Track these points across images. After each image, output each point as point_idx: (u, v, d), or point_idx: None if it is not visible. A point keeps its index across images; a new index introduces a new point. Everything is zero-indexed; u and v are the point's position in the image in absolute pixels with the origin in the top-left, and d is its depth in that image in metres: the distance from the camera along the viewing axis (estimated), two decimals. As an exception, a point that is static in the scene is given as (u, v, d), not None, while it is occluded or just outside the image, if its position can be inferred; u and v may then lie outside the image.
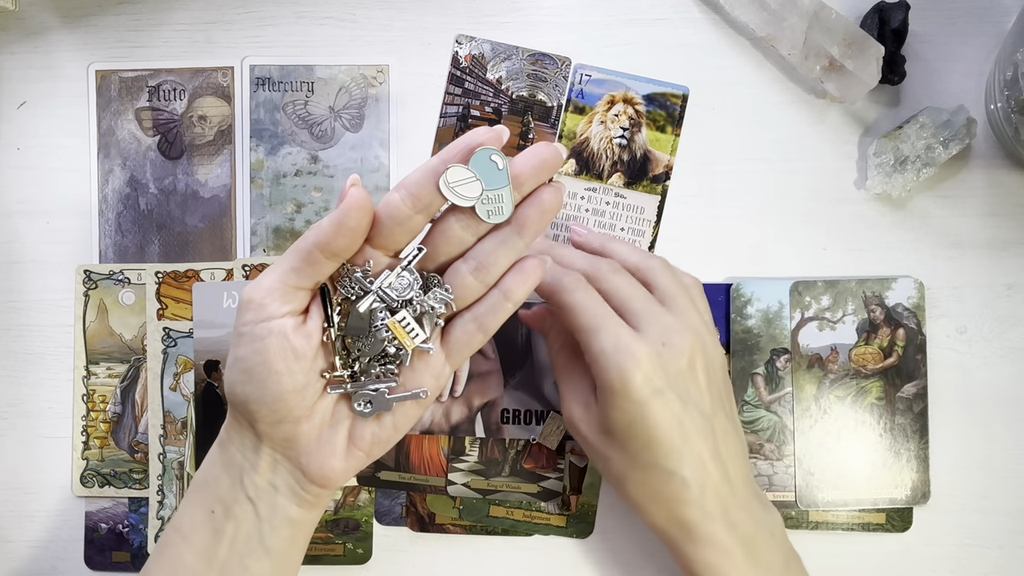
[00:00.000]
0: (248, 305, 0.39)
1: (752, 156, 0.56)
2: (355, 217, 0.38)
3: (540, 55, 0.56)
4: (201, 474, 0.43)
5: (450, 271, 0.41)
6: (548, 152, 0.40)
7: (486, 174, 0.39)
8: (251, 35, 0.57)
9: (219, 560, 0.42)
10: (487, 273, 0.41)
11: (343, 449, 0.42)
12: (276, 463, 0.42)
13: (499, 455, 0.55)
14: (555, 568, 0.55)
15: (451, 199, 0.39)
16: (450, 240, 0.41)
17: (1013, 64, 0.50)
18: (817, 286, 0.54)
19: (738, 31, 0.56)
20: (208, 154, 0.57)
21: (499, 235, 0.40)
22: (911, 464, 0.54)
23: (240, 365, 0.40)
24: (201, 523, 0.42)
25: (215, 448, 0.43)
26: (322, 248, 0.38)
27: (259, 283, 0.39)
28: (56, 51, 0.57)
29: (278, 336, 0.39)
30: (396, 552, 0.55)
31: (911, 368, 0.54)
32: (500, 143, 0.40)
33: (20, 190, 0.57)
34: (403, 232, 0.40)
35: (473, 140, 0.39)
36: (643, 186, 0.56)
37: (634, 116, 0.56)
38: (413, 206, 0.39)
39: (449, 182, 0.39)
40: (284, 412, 0.40)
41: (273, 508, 0.42)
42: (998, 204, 0.55)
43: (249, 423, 0.41)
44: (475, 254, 0.41)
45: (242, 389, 0.40)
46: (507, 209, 0.40)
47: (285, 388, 0.40)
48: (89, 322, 0.56)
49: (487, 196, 0.39)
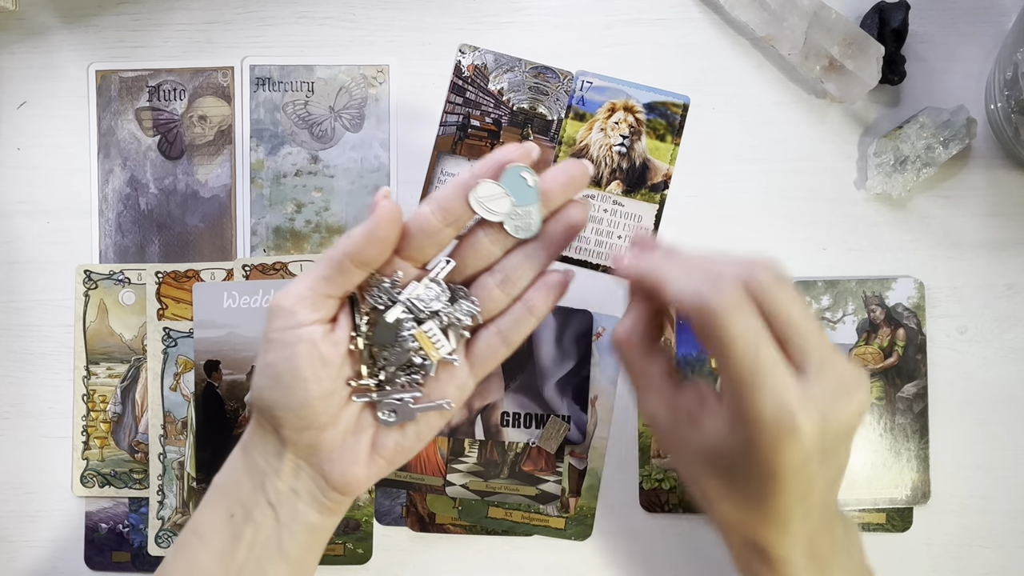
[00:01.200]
0: (278, 312, 0.40)
1: (752, 156, 0.56)
2: (386, 228, 0.39)
3: (543, 68, 0.56)
4: (222, 477, 0.44)
5: (476, 283, 0.42)
6: (577, 170, 0.41)
7: (516, 190, 0.40)
8: (251, 35, 0.57)
9: (236, 563, 0.42)
10: (513, 286, 0.41)
11: (366, 457, 0.42)
12: (299, 469, 0.42)
13: (498, 457, 0.55)
14: (555, 568, 0.55)
15: (481, 213, 0.40)
16: (478, 253, 0.41)
17: (1013, 64, 0.50)
18: (817, 286, 0.54)
19: (738, 31, 0.56)
20: (208, 154, 0.57)
21: (526, 250, 0.41)
22: (911, 464, 0.54)
23: (268, 371, 0.40)
24: (220, 526, 0.42)
25: (237, 452, 0.44)
26: (352, 258, 0.39)
27: (289, 290, 0.40)
28: (56, 51, 0.57)
29: (307, 343, 0.40)
30: (396, 552, 0.55)
31: (911, 368, 0.54)
32: (530, 160, 0.40)
33: (20, 190, 0.57)
34: (432, 244, 0.41)
35: (503, 157, 0.40)
36: (641, 194, 0.56)
37: (634, 124, 0.56)
38: (443, 219, 0.40)
39: (479, 197, 0.40)
40: (310, 418, 0.41)
41: (293, 513, 0.42)
42: (998, 204, 0.55)
43: (273, 428, 0.42)
44: (502, 267, 0.42)
45: (269, 395, 0.40)
46: (535, 225, 0.41)
47: (312, 395, 0.40)
48: (89, 322, 0.56)
49: (516, 212, 0.40)
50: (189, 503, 0.55)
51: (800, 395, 0.34)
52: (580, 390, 0.55)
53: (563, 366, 0.55)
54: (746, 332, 0.35)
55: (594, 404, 0.55)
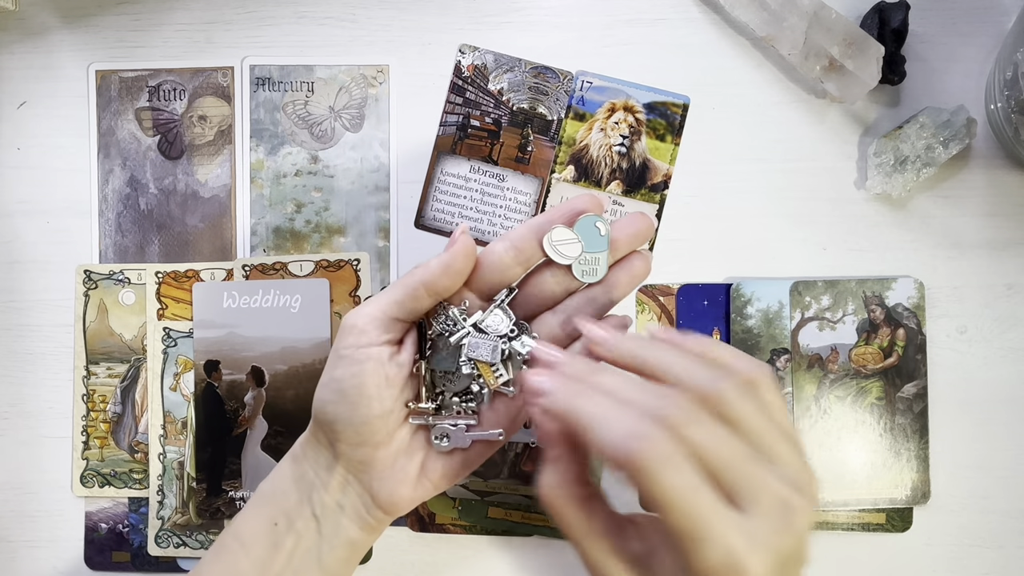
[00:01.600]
0: (351, 330, 0.41)
1: (752, 156, 0.56)
2: (462, 262, 0.41)
3: (542, 68, 0.56)
4: (269, 485, 0.44)
5: (538, 320, 0.44)
6: (645, 224, 0.43)
7: (588, 238, 0.42)
8: (251, 35, 0.57)
9: (274, 572, 0.43)
10: (573, 327, 0.43)
11: (414, 478, 0.43)
12: (347, 484, 0.43)
13: (498, 457, 0.55)
14: (555, 568, 0.55)
15: (552, 256, 0.42)
16: (542, 292, 0.43)
17: (1013, 64, 0.50)
18: (817, 286, 0.54)
19: (738, 31, 0.56)
20: (208, 154, 0.57)
21: (589, 293, 0.43)
22: (911, 464, 0.54)
23: (335, 385, 0.42)
24: (262, 533, 0.43)
25: (287, 461, 0.44)
26: (427, 286, 0.41)
27: (361, 310, 0.42)
28: (56, 51, 0.57)
29: (375, 362, 0.41)
30: (396, 552, 0.55)
31: (911, 368, 0.54)
32: (601, 211, 0.43)
33: (20, 190, 0.57)
34: (501, 280, 0.43)
35: (578, 206, 0.43)
36: (641, 194, 0.56)
37: (634, 124, 0.56)
38: (515, 258, 0.42)
39: (553, 241, 0.42)
40: (367, 435, 0.42)
41: (336, 528, 0.43)
42: (998, 204, 0.55)
43: (329, 442, 0.43)
44: (564, 308, 0.43)
45: (333, 408, 0.42)
46: (601, 271, 0.43)
47: (373, 412, 0.41)
48: (89, 322, 0.56)
49: (585, 258, 0.42)
50: (189, 503, 0.55)
51: (745, 536, 0.32)
52: None
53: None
54: (681, 487, 0.32)
55: (594, 404, 0.55)
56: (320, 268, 0.56)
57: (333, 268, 0.56)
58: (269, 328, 0.55)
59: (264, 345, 0.55)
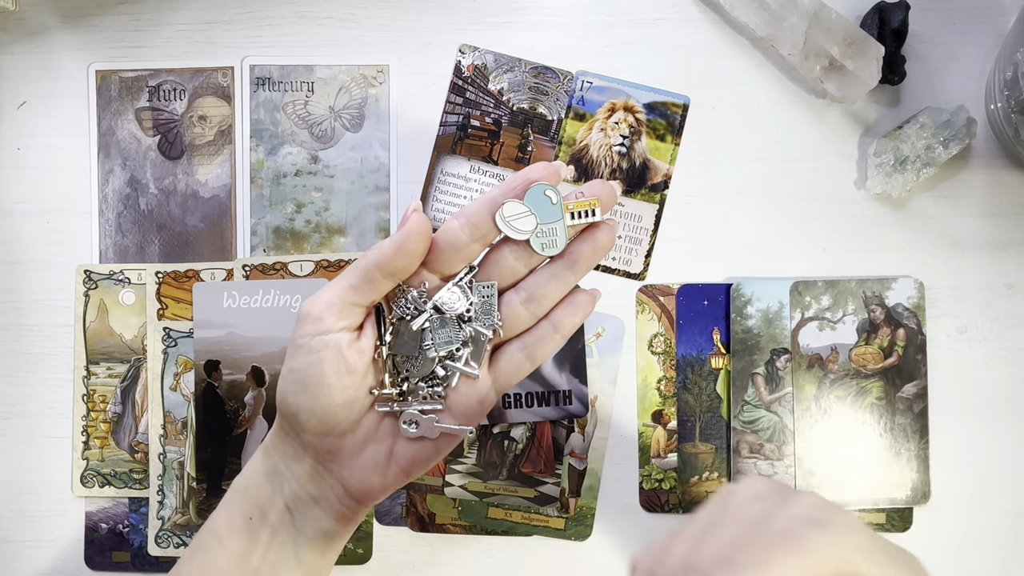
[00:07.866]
0: (307, 318, 0.40)
1: (752, 156, 0.56)
2: (415, 241, 0.40)
3: (542, 68, 0.56)
4: (242, 479, 0.44)
5: (501, 300, 0.42)
6: (606, 192, 0.41)
7: (540, 208, 0.40)
8: (251, 35, 0.57)
9: (251, 566, 0.42)
10: (537, 305, 0.42)
11: (383, 466, 0.43)
12: (317, 475, 0.42)
13: (497, 458, 0.55)
14: (555, 568, 0.55)
15: (507, 232, 0.40)
16: (503, 270, 0.42)
17: (1013, 64, 0.50)
18: (817, 286, 0.54)
19: (738, 31, 0.56)
20: (208, 154, 0.57)
21: (551, 268, 0.42)
22: (911, 464, 0.54)
23: (294, 376, 0.41)
24: (237, 528, 0.43)
25: (258, 455, 0.44)
26: (381, 268, 0.40)
27: (318, 298, 0.41)
28: (56, 51, 0.57)
29: (333, 350, 0.40)
30: (396, 552, 0.55)
31: (911, 368, 0.54)
32: (558, 180, 0.41)
33: (20, 190, 0.57)
34: (459, 258, 0.41)
35: (530, 176, 0.41)
36: (641, 194, 0.56)
37: (634, 124, 0.56)
38: (471, 235, 0.41)
39: (505, 216, 0.40)
40: (332, 424, 0.41)
41: (310, 519, 0.43)
42: (998, 204, 0.55)
43: (295, 433, 0.42)
44: (526, 285, 0.42)
45: (294, 399, 0.41)
46: (561, 242, 0.41)
47: (335, 400, 0.41)
48: (89, 322, 0.56)
49: (541, 229, 0.41)
50: (189, 503, 0.55)
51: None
52: (577, 363, 0.55)
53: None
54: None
55: (594, 404, 0.55)
56: (320, 268, 0.56)
57: (333, 268, 0.56)
58: (269, 328, 0.55)
59: (264, 345, 0.55)
